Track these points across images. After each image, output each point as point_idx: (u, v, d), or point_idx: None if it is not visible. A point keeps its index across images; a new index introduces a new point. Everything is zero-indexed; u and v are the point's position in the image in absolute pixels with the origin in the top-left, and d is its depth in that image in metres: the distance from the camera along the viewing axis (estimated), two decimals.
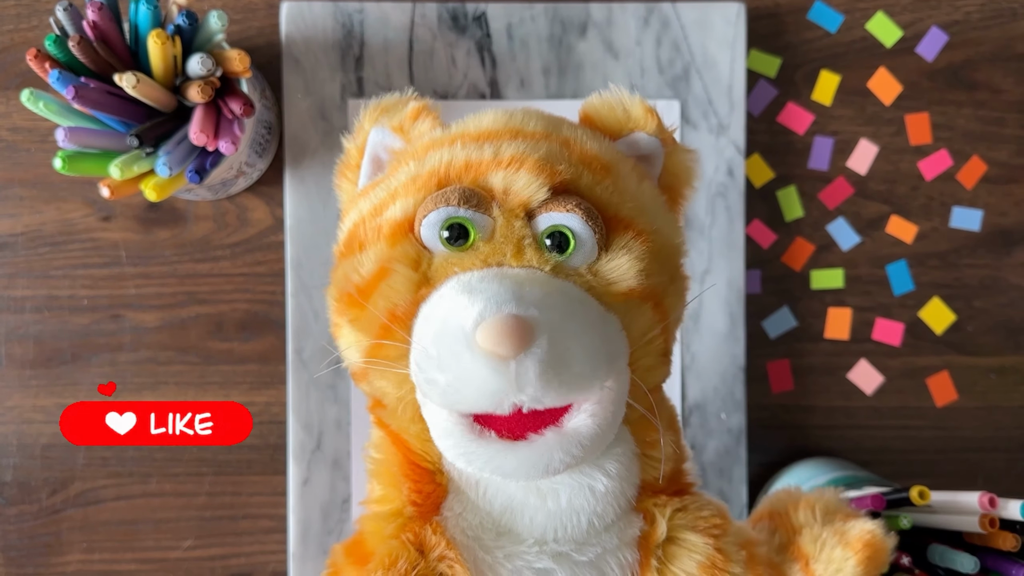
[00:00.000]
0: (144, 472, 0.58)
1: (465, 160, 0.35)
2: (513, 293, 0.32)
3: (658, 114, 0.39)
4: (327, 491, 0.56)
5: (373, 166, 0.40)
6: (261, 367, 0.58)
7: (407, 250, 0.35)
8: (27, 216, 0.58)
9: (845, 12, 0.60)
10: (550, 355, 0.31)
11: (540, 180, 0.34)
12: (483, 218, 0.34)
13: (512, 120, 0.38)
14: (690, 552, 0.37)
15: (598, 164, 0.36)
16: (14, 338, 0.58)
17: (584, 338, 0.32)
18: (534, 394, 0.31)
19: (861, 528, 0.38)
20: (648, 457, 0.37)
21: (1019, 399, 0.61)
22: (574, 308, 0.33)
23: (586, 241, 0.34)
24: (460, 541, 0.36)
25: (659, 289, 0.36)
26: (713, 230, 0.58)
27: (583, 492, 0.36)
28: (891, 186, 0.60)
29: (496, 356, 0.30)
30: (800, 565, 0.38)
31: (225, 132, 0.48)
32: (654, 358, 0.36)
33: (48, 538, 0.58)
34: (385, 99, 0.41)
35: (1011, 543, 0.42)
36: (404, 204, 0.35)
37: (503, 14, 0.57)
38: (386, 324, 0.34)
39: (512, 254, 0.34)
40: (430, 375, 0.32)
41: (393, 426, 0.37)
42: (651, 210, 0.37)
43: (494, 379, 0.31)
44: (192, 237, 0.58)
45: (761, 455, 0.60)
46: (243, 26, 0.58)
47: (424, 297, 0.34)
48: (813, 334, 0.61)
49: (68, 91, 0.45)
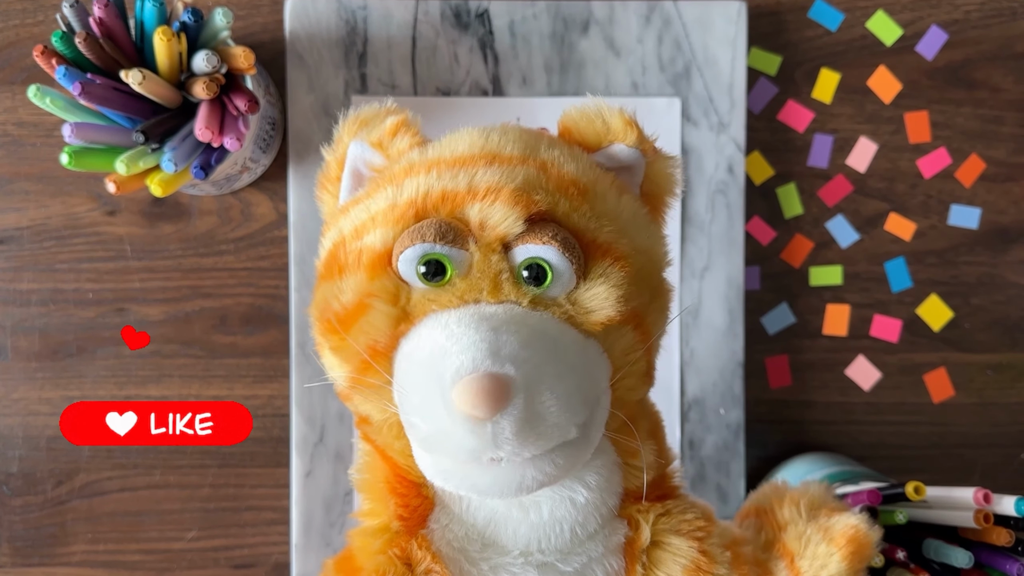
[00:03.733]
0: (148, 464, 0.58)
1: (441, 191, 0.35)
2: (489, 347, 0.32)
3: (638, 124, 0.39)
4: (330, 483, 0.57)
5: (353, 180, 0.40)
6: (264, 361, 0.59)
7: (386, 285, 0.35)
8: (33, 210, 0.58)
9: (845, 11, 0.60)
10: (526, 413, 0.31)
11: (516, 212, 0.34)
12: (460, 253, 0.34)
13: (488, 143, 0.37)
14: (675, 556, 0.37)
15: (575, 189, 0.36)
16: (20, 331, 0.58)
17: (561, 387, 0.32)
18: (512, 450, 0.32)
19: (845, 523, 0.38)
20: (630, 466, 0.38)
21: (1015, 396, 0.62)
22: (552, 353, 0.33)
23: (563, 272, 0.34)
24: (446, 554, 0.36)
25: (640, 310, 0.36)
26: (713, 227, 0.58)
27: (564, 504, 0.36)
28: (890, 184, 0.61)
29: (472, 417, 0.31)
30: (786, 562, 0.38)
31: (230, 128, 0.49)
32: (636, 378, 0.37)
33: (53, 529, 0.58)
34: (364, 110, 0.40)
35: (1005, 538, 0.42)
36: (383, 235, 0.35)
37: (506, 11, 0.57)
38: (366, 360, 0.35)
39: (489, 290, 0.34)
40: (411, 419, 0.33)
41: (379, 442, 0.38)
42: (631, 229, 0.37)
43: (471, 439, 0.31)
44: (196, 232, 0.59)
45: (759, 450, 0.61)
46: (247, 22, 0.58)
47: (404, 332, 0.34)
48: (811, 330, 0.61)
49: (75, 87, 0.45)
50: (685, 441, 0.58)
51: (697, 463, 0.58)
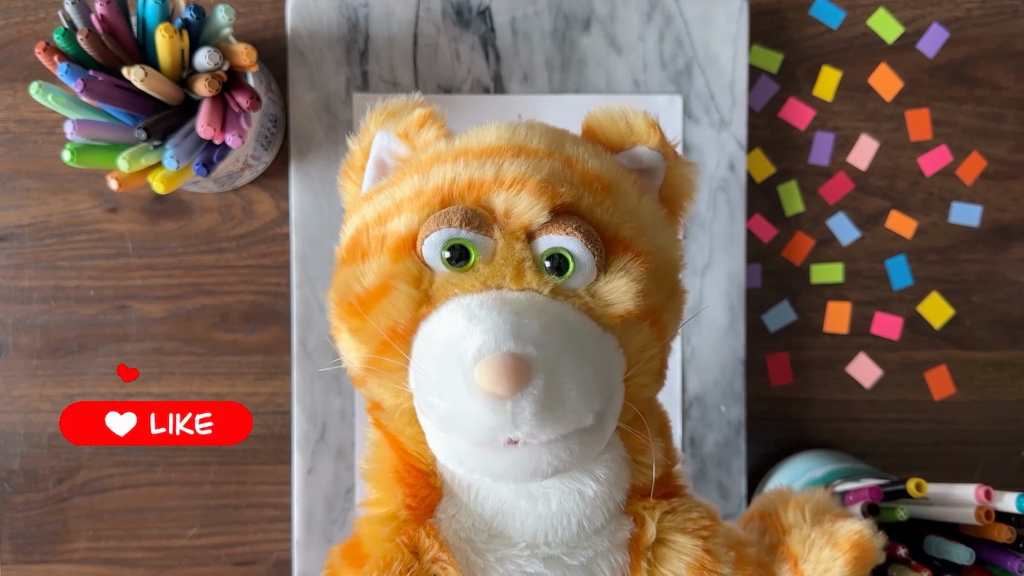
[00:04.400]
0: (150, 461, 0.58)
1: (468, 179, 0.36)
2: (511, 328, 0.32)
3: (661, 128, 0.39)
4: (331, 481, 0.57)
5: (377, 170, 0.41)
6: (266, 358, 0.59)
7: (409, 267, 0.35)
8: (34, 207, 0.58)
9: (847, 8, 0.60)
10: (546, 394, 0.31)
11: (541, 203, 0.35)
12: (484, 240, 0.35)
13: (515, 136, 0.38)
14: (679, 554, 0.37)
15: (599, 184, 0.37)
16: (21, 328, 0.58)
17: (579, 373, 0.33)
18: (529, 431, 0.32)
19: (849, 528, 0.38)
20: (638, 463, 0.38)
21: (1016, 393, 0.62)
22: (571, 340, 0.33)
23: (585, 264, 0.35)
24: (453, 544, 0.36)
25: (657, 307, 0.37)
26: (714, 224, 0.58)
27: (572, 496, 0.36)
28: (891, 181, 0.61)
29: (493, 395, 0.31)
30: (789, 565, 0.39)
31: (232, 125, 0.49)
32: (649, 376, 0.37)
33: (54, 526, 0.58)
34: (391, 102, 0.41)
35: (1006, 535, 0.42)
36: (408, 220, 0.36)
37: (507, 8, 0.57)
38: (386, 340, 0.35)
39: (511, 277, 0.35)
40: (429, 399, 0.33)
41: (390, 427, 0.38)
42: (651, 228, 0.38)
43: (490, 417, 0.32)
44: (198, 229, 0.59)
45: (760, 447, 0.61)
46: (249, 19, 0.58)
47: (425, 315, 0.35)
48: (812, 328, 0.61)
49: (77, 84, 0.45)
50: (686, 438, 0.58)
51: (698, 460, 0.58)
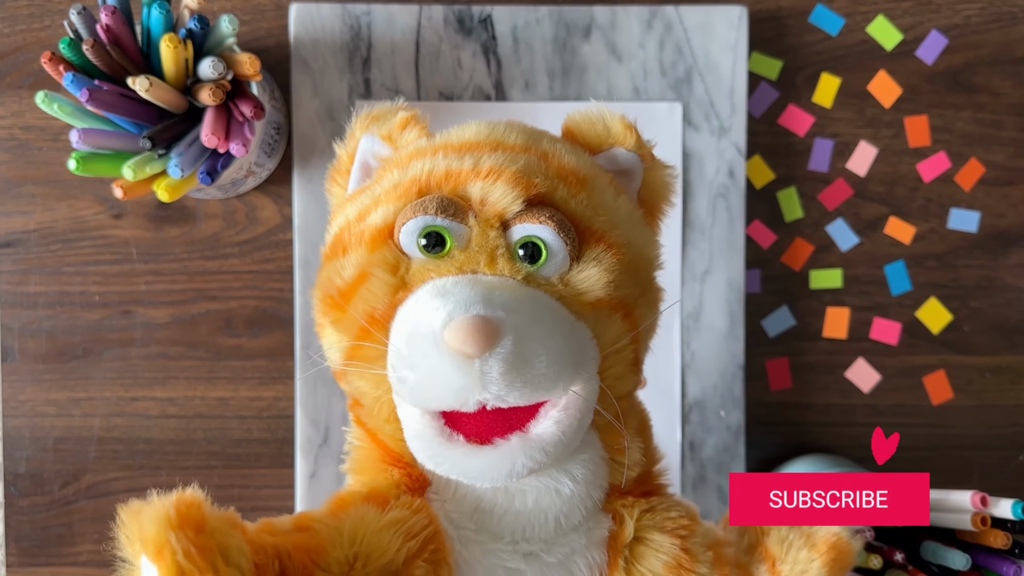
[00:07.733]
0: (154, 465, 0.59)
1: (445, 170, 0.37)
2: (482, 296, 0.33)
3: (637, 130, 0.40)
4: (334, 484, 0.57)
5: (362, 172, 0.42)
6: (269, 363, 0.59)
7: (386, 256, 0.36)
8: (40, 213, 0.59)
9: (846, 15, 0.61)
10: (514, 355, 0.32)
11: (516, 192, 0.36)
12: (459, 227, 0.36)
13: (494, 132, 0.39)
14: (657, 552, 0.38)
15: (574, 178, 0.38)
16: (27, 333, 0.59)
17: (549, 341, 0.33)
18: (498, 392, 0.32)
19: (827, 531, 0.39)
20: (616, 462, 0.38)
21: (1014, 398, 0.62)
22: (541, 313, 0.34)
23: (558, 252, 0.36)
24: (445, 529, 0.37)
25: (629, 300, 0.37)
26: (714, 230, 0.59)
27: (549, 494, 0.37)
28: (890, 188, 0.61)
29: (462, 355, 0.32)
30: (767, 566, 0.39)
31: (236, 134, 0.49)
32: (624, 367, 0.37)
33: (60, 529, 0.59)
34: (376, 108, 0.42)
35: (1002, 541, 0.43)
36: (385, 211, 0.37)
37: (508, 16, 0.58)
38: (365, 326, 0.35)
39: (486, 263, 0.35)
40: (401, 373, 0.34)
41: (370, 424, 0.39)
42: (625, 224, 0.38)
43: (459, 377, 0.32)
44: (202, 235, 0.59)
45: (759, 452, 0.61)
46: (252, 27, 0.59)
47: (401, 300, 0.35)
48: (812, 333, 0.61)
49: (82, 93, 0.45)
50: (686, 443, 0.59)
51: (698, 465, 0.59)
